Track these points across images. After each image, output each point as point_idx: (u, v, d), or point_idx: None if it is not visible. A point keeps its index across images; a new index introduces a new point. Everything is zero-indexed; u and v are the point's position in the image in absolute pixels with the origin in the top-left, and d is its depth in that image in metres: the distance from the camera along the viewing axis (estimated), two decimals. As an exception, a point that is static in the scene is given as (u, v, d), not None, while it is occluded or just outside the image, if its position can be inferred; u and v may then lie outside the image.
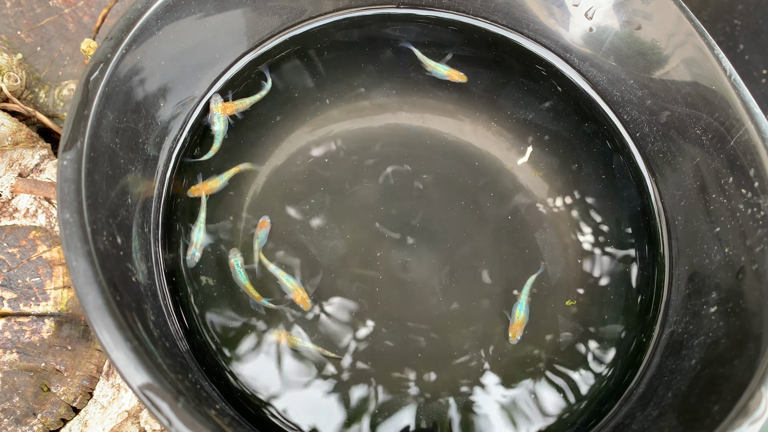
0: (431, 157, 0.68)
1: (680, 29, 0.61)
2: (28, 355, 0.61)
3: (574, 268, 0.65)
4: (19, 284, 0.63)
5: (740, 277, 0.54)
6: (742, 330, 0.52)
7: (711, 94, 0.59)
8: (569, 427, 0.58)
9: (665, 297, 0.63)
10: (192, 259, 0.60)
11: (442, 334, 0.61)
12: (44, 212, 0.66)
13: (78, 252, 0.43)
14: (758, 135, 0.55)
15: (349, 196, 0.65)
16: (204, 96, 0.66)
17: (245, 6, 0.65)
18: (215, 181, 0.63)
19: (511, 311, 0.62)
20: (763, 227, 0.53)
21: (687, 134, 0.62)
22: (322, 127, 0.68)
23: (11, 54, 0.78)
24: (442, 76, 0.70)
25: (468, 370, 0.60)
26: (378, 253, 0.63)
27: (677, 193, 0.64)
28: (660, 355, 0.60)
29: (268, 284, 0.61)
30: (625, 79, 0.68)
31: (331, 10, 0.71)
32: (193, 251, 0.60)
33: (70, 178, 0.46)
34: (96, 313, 0.42)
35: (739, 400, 0.47)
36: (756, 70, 0.96)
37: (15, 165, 0.68)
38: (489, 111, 0.71)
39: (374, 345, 0.60)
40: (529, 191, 0.68)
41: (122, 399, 0.61)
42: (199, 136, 0.65)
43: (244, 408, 0.56)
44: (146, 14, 0.55)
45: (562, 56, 0.72)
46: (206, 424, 0.41)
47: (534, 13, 0.71)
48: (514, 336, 0.61)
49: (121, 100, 0.54)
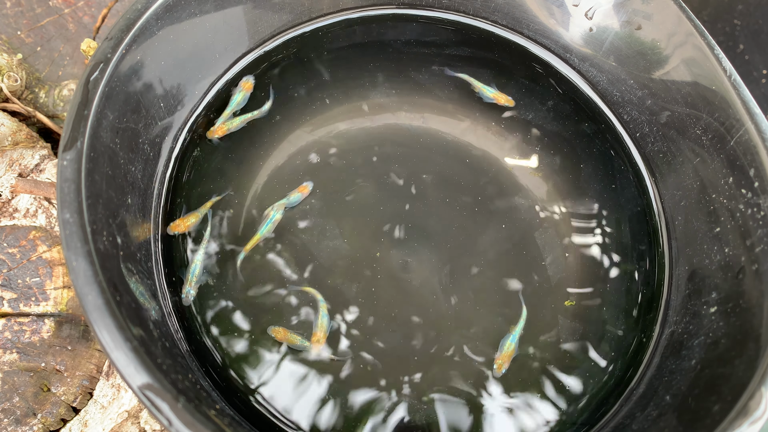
0: (431, 157, 0.68)
1: (680, 29, 0.61)
2: (28, 355, 0.61)
3: (573, 268, 0.65)
4: (19, 284, 0.63)
5: (740, 277, 0.54)
6: (742, 330, 0.52)
7: (711, 94, 0.59)
8: (569, 427, 0.58)
9: (665, 297, 0.63)
10: (187, 297, 0.58)
11: (441, 334, 0.61)
12: (44, 212, 0.66)
13: (78, 252, 0.43)
14: (758, 135, 0.55)
15: (349, 196, 0.65)
16: (204, 96, 0.66)
17: (245, 6, 0.65)
18: (195, 215, 0.61)
19: (499, 343, 0.60)
20: (763, 227, 0.53)
21: (687, 134, 0.62)
22: (322, 127, 0.68)
23: (11, 54, 0.78)
24: (489, 99, 0.69)
25: (468, 370, 0.60)
26: (377, 252, 0.63)
27: (677, 193, 0.64)
28: (660, 355, 0.60)
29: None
30: (625, 79, 0.68)
31: (331, 11, 0.71)
32: (188, 289, 0.58)
33: (70, 178, 0.46)
34: (96, 313, 0.42)
35: (739, 400, 0.47)
36: (756, 70, 0.96)
37: (15, 165, 0.68)
38: (489, 111, 0.71)
39: (374, 345, 0.60)
40: (529, 191, 0.68)
41: (122, 399, 0.61)
42: (199, 136, 0.65)
43: (244, 408, 0.56)
44: (146, 14, 0.55)
45: (562, 56, 0.72)
46: (206, 424, 0.41)
47: (534, 13, 0.71)
48: (500, 368, 0.59)
49: (121, 100, 0.54)
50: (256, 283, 0.61)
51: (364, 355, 0.59)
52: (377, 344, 0.60)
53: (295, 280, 0.61)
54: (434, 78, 0.71)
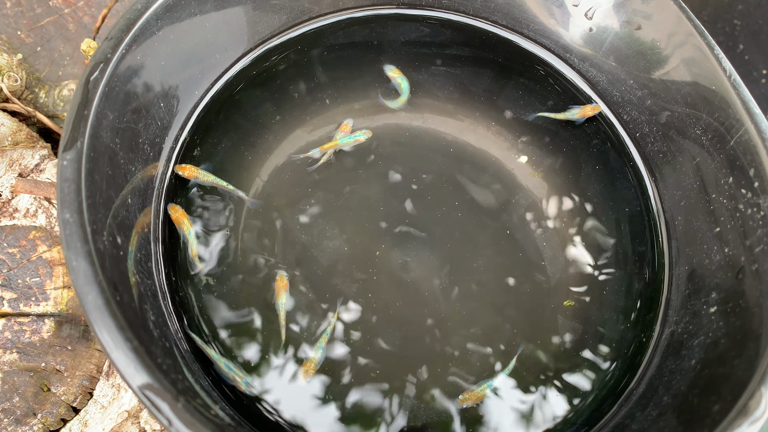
0: (431, 157, 0.68)
1: (680, 29, 0.61)
2: (28, 355, 0.61)
3: (573, 268, 0.65)
4: (19, 284, 0.63)
5: (740, 277, 0.54)
6: (742, 330, 0.52)
7: (711, 94, 0.59)
8: (569, 427, 0.58)
9: (665, 297, 0.63)
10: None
11: (441, 334, 0.61)
12: (44, 212, 0.66)
13: (78, 252, 0.43)
14: (758, 135, 0.55)
15: (349, 196, 0.65)
16: (204, 96, 0.66)
17: (245, 6, 0.65)
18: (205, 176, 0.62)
19: (482, 380, 0.59)
20: (763, 227, 0.53)
21: (687, 134, 0.62)
22: (322, 127, 0.68)
23: (11, 54, 0.78)
24: (579, 119, 0.69)
25: (468, 370, 0.60)
26: (377, 252, 0.63)
27: (677, 193, 0.64)
28: (660, 355, 0.60)
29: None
30: (625, 79, 0.68)
31: (331, 11, 0.71)
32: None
33: (70, 178, 0.46)
34: (96, 313, 0.42)
35: (739, 400, 0.47)
36: (756, 70, 0.96)
37: (15, 165, 0.68)
38: (489, 111, 0.71)
39: (374, 345, 0.60)
40: (529, 191, 0.68)
41: (122, 399, 0.61)
42: (200, 136, 0.65)
43: (244, 408, 0.56)
44: (146, 14, 0.55)
45: (561, 56, 0.72)
46: (206, 424, 0.41)
47: (534, 13, 0.71)
48: (463, 401, 0.58)
49: (121, 100, 0.54)
50: (256, 282, 0.61)
51: (364, 355, 0.59)
52: (377, 344, 0.60)
53: (294, 280, 0.61)
54: (434, 78, 0.71)
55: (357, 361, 0.59)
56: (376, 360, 0.59)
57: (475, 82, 0.72)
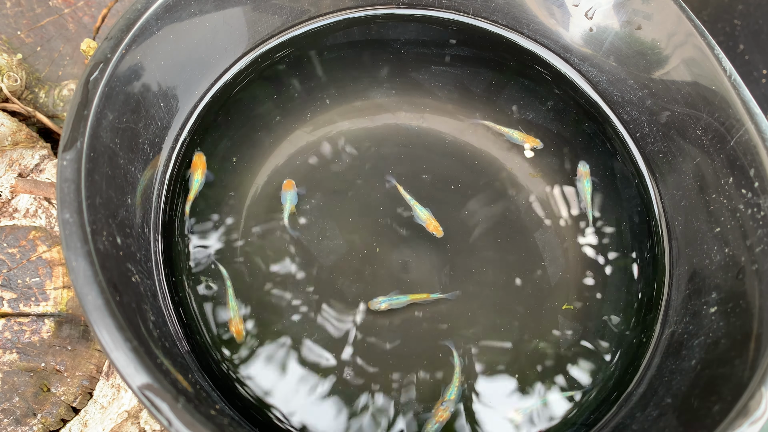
0: (431, 157, 0.68)
1: (680, 29, 0.61)
2: (28, 355, 0.61)
3: (573, 268, 0.65)
4: (19, 284, 0.63)
5: (740, 277, 0.54)
6: (742, 330, 0.52)
7: (711, 94, 0.59)
8: (569, 427, 0.58)
9: (665, 297, 0.63)
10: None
11: (441, 334, 0.61)
12: (44, 212, 0.66)
13: (78, 252, 0.43)
14: (758, 135, 0.55)
15: (349, 196, 0.65)
16: (204, 96, 0.66)
17: (245, 6, 0.65)
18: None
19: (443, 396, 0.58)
20: (763, 227, 0.53)
21: (687, 134, 0.62)
22: (322, 127, 0.68)
23: (11, 54, 0.78)
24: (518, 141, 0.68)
25: (467, 371, 0.60)
26: (377, 252, 0.63)
27: (677, 193, 0.64)
28: (660, 356, 0.60)
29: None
30: (625, 79, 0.68)
31: (331, 11, 0.71)
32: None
33: (70, 178, 0.46)
34: (96, 313, 0.42)
35: (739, 400, 0.47)
36: (756, 70, 0.96)
37: (15, 165, 0.68)
38: (489, 111, 0.71)
39: (373, 345, 0.60)
40: (529, 191, 0.68)
41: (122, 399, 0.61)
42: (200, 136, 0.65)
43: (244, 408, 0.56)
44: (146, 14, 0.55)
45: (562, 56, 0.72)
46: (206, 424, 0.41)
47: (534, 13, 0.71)
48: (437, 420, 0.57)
49: (121, 100, 0.54)
50: (256, 282, 0.61)
51: (364, 355, 0.59)
52: (377, 345, 0.60)
53: (294, 280, 0.61)
54: (434, 78, 0.71)
55: (357, 361, 0.59)
56: (376, 360, 0.59)
57: (475, 82, 0.72)
